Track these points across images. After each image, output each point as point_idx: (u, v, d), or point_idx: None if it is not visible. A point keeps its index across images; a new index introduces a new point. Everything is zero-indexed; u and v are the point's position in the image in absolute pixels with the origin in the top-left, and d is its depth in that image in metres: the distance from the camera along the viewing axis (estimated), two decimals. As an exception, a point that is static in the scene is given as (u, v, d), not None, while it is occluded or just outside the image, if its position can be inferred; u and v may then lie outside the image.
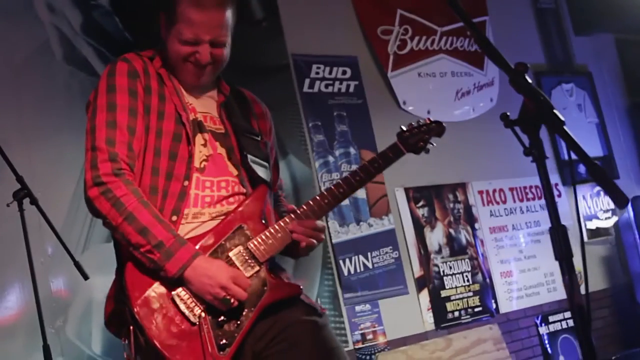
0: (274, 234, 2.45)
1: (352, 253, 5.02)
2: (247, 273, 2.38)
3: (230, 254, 2.39)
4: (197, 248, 2.34)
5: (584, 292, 1.76)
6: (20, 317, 3.71)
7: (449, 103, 5.92)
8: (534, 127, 1.78)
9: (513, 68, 1.80)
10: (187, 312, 2.29)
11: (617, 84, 7.38)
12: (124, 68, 2.45)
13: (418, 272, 5.33)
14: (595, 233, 6.60)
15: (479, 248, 5.73)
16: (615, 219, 6.59)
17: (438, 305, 5.36)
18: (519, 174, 6.03)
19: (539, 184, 1.80)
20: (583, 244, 1.91)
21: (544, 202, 1.78)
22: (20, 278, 3.68)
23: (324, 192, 2.56)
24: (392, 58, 5.65)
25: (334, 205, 2.59)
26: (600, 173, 1.74)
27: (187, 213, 2.40)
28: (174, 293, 2.30)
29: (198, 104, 2.56)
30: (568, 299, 1.75)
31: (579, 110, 6.90)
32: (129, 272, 2.30)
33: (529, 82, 1.79)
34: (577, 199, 1.99)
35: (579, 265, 1.86)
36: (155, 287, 2.30)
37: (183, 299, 2.30)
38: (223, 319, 2.32)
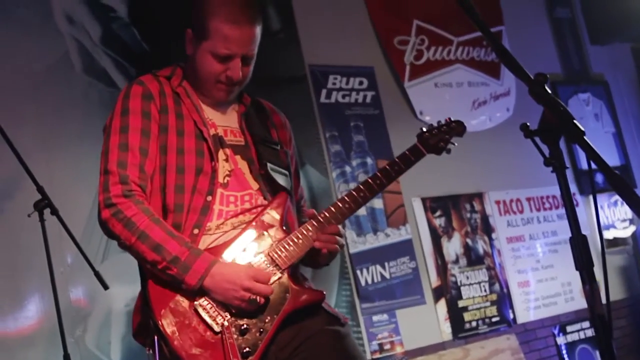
0: (295, 241, 2.44)
1: (369, 263, 5.02)
2: None
3: (252, 262, 2.40)
4: (218, 258, 2.35)
5: (604, 301, 1.75)
6: (41, 326, 3.74)
7: (466, 113, 5.91)
8: (554, 137, 1.78)
9: (532, 78, 1.79)
10: (210, 320, 2.29)
11: (633, 93, 7.37)
12: (139, 91, 2.46)
13: (435, 282, 5.33)
14: (613, 243, 6.57)
15: (496, 258, 5.72)
16: (633, 229, 6.56)
17: (455, 315, 5.35)
18: (536, 184, 6.00)
19: (556, 194, 1.80)
20: (604, 253, 1.90)
21: (561, 211, 1.79)
22: (40, 288, 3.71)
23: (345, 196, 2.54)
24: (408, 68, 5.67)
25: (355, 210, 2.56)
26: (620, 182, 1.73)
27: (209, 226, 2.41)
28: (197, 303, 2.30)
29: (218, 118, 2.57)
30: (589, 309, 1.74)
31: (596, 120, 6.88)
32: (151, 287, 2.32)
33: (549, 92, 1.78)
34: (597, 208, 1.97)
35: (598, 275, 1.85)
36: (178, 299, 2.31)
37: (205, 309, 2.31)
38: (246, 327, 2.32)
